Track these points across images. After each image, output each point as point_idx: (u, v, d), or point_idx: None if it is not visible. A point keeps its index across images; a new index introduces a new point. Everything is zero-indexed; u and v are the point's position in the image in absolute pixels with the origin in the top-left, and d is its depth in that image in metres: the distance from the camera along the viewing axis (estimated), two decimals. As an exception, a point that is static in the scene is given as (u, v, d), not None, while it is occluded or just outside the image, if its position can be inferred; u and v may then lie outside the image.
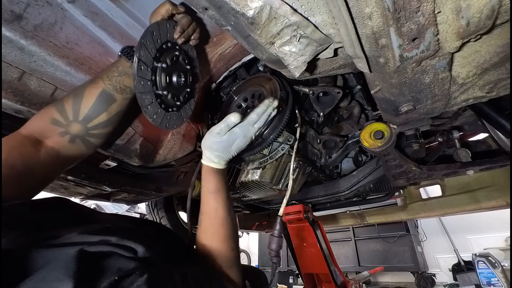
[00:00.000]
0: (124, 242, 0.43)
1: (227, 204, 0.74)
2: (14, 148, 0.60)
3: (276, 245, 0.82)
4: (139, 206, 4.85)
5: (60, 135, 0.69)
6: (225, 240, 0.70)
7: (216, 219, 0.72)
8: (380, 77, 0.64)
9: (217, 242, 0.69)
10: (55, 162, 0.69)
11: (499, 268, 3.18)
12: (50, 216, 0.50)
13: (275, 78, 1.03)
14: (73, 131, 0.70)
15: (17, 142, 0.63)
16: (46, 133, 0.67)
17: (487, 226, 4.11)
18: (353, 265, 4.53)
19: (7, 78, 0.72)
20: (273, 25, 0.52)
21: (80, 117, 0.70)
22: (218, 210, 0.72)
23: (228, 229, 0.72)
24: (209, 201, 0.73)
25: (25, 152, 0.62)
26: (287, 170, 1.14)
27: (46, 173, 0.68)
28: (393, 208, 2.56)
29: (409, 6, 0.42)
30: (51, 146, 0.67)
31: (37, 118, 0.69)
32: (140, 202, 1.72)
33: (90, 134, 0.73)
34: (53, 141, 0.68)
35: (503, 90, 0.66)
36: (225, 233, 0.71)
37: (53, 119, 0.68)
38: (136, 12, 0.85)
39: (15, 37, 0.69)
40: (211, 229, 0.71)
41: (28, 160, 0.61)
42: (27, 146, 0.63)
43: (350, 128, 1.22)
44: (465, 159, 1.13)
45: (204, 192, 0.75)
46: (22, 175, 0.59)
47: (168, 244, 0.65)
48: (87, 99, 0.71)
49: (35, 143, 0.65)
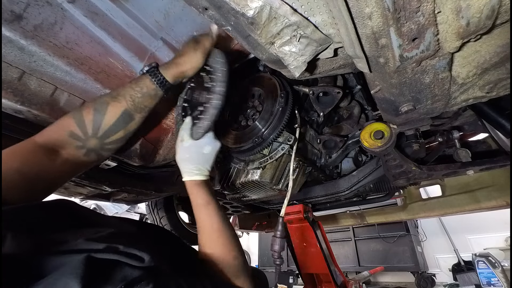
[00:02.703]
0: (130, 250, 0.43)
1: (220, 215, 0.74)
2: (29, 158, 0.62)
3: (278, 247, 0.81)
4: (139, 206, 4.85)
5: (76, 148, 0.70)
6: (226, 250, 0.70)
7: (212, 232, 0.71)
8: (380, 77, 0.64)
9: (219, 253, 0.69)
10: (67, 171, 0.71)
11: (499, 268, 3.18)
12: (55, 219, 0.51)
13: (275, 78, 1.03)
14: (90, 146, 0.72)
15: (32, 151, 0.64)
16: (63, 144, 0.68)
17: (487, 226, 4.10)
18: (353, 265, 4.52)
19: (7, 78, 0.72)
20: (273, 25, 0.52)
21: (99, 134, 0.72)
22: (213, 224, 0.72)
23: (227, 238, 0.71)
24: (202, 216, 0.73)
25: (38, 161, 0.63)
26: (287, 170, 1.14)
27: (56, 180, 0.69)
28: (393, 208, 2.56)
29: (409, 6, 0.42)
30: (66, 158, 0.69)
31: (55, 128, 0.69)
32: (140, 202, 1.72)
33: (105, 149, 0.75)
34: (69, 153, 0.69)
35: (503, 90, 0.66)
36: (225, 243, 0.70)
37: (72, 133, 0.69)
38: (136, 12, 0.85)
39: (15, 37, 0.69)
40: (209, 243, 0.71)
41: (40, 168, 0.63)
42: (41, 154, 0.64)
43: (350, 128, 1.22)
44: (465, 159, 1.12)
45: (195, 208, 0.75)
46: (32, 182, 0.61)
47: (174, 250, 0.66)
48: (109, 117, 0.72)
49: (49, 152, 0.66)
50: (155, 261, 0.44)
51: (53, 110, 0.82)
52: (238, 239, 0.75)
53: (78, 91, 0.86)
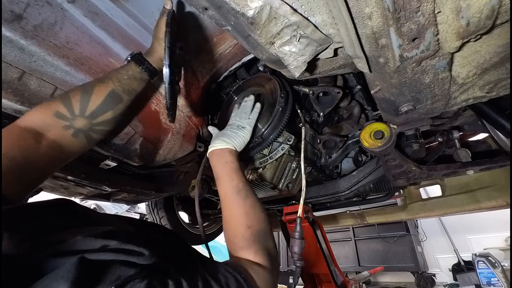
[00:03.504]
0: (128, 246, 0.42)
1: (235, 183, 0.75)
2: (13, 141, 0.60)
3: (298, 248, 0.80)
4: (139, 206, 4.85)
5: (63, 129, 0.69)
6: (238, 219, 0.70)
7: (225, 202, 0.74)
8: (380, 77, 0.64)
9: (232, 224, 0.70)
10: (56, 155, 0.69)
11: (499, 268, 3.18)
12: (54, 219, 0.50)
13: (275, 78, 1.03)
14: (78, 126, 0.71)
15: (15, 134, 0.61)
16: (48, 126, 0.67)
17: (487, 226, 4.10)
18: (353, 265, 4.52)
19: (7, 78, 0.72)
20: (273, 25, 0.52)
21: (87, 113, 0.71)
22: (226, 194, 0.74)
23: (240, 208, 0.71)
24: (219, 187, 0.77)
25: (25, 145, 0.61)
26: (287, 170, 1.14)
27: (47, 166, 0.67)
28: (393, 208, 2.56)
29: (409, 6, 0.42)
30: (53, 139, 0.67)
31: (38, 111, 0.68)
32: (140, 202, 1.72)
33: (94, 130, 0.74)
34: (56, 134, 0.67)
35: (503, 90, 0.66)
36: (238, 213, 0.71)
37: (58, 112, 0.68)
38: (136, 12, 0.85)
39: (15, 37, 0.69)
40: (225, 212, 0.73)
41: (28, 153, 0.60)
42: (27, 138, 0.62)
43: (350, 128, 1.22)
44: (465, 159, 1.12)
45: (216, 180, 0.78)
46: (22, 168, 0.59)
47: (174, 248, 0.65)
48: (96, 97, 0.72)
49: (35, 135, 0.64)
50: (155, 256, 0.43)
51: (53, 110, 0.82)
52: (256, 209, 0.73)
53: (78, 91, 0.86)
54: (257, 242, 0.66)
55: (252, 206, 0.72)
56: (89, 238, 0.42)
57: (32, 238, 0.40)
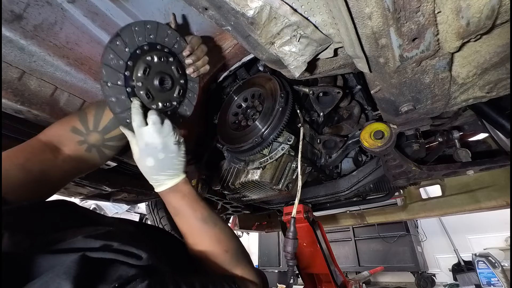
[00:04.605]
0: (127, 248, 0.43)
1: (200, 214, 0.67)
2: (33, 154, 0.63)
3: (292, 248, 0.81)
4: (139, 206, 4.86)
5: (78, 144, 0.71)
6: (214, 249, 0.64)
7: (193, 235, 0.67)
8: (380, 77, 0.64)
9: (209, 255, 0.64)
10: (70, 170, 0.71)
11: (499, 268, 3.18)
12: (54, 219, 0.51)
13: (275, 78, 1.03)
14: (91, 141, 0.72)
15: (36, 148, 0.64)
16: (65, 140, 0.69)
17: (487, 226, 4.10)
18: (353, 265, 4.52)
19: (7, 78, 0.72)
20: (273, 25, 0.52)
21: (100, 127, 0.73)
22: (192, 227, 0.67)
23: (212, 237, 0.66)
24: (180, 223, 0.68)
25: (43, 159, 0.63)
26: (287, 170, 1.14)
27: (60, 180, 0.70)
28: (393, 208, 2.56)
29: (409, 6, 0.42)
30: (68, 154, 0.69)
31: (58, 125, 0.71)
32: (140, 202, 1.72)
33: (106, 146, 0.76)
34: (71, 149, 0.70)
35: (503, 90, 0.66)
36: (211, 243, 0.65)
37: (74, 128, 0.70)
38: (136, 12, 0.85)
39: (15, 37, 0.70)
40: (196, 246, 0.66)
41: (45, 166, 0.63)
42: (46, 152, 0.65)
43: (350, 128, 1.22)
44: (465, 159, 1.12)
45: (175, 216, 0.69)
46: (38, 180, 0.61)
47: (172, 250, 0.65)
48: (109, 112, 0.72)
49: (53, 150, 0.66)
50: (153, 259, 0.43)
51: (53, 110, 0.82)
52: (227, 233, 0.68)
53: (78, 91, 0.86)
54: (239, 261, 0.66)
55: (222, 230, 0.68)
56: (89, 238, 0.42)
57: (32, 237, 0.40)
